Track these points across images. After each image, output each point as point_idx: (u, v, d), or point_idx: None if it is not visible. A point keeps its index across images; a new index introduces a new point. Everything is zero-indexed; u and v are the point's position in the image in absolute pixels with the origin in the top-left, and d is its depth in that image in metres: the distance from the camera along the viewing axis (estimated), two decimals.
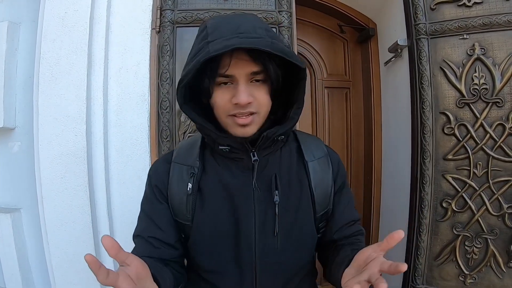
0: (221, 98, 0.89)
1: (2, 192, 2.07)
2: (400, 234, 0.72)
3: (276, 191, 0.98)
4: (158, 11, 1.92)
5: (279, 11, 1.94)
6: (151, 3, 1.95)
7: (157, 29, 1.92)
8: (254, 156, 0.96)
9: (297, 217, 1.02)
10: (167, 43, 1.89)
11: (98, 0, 1.89)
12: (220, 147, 0.96)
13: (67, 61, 1.83)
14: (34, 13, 1.90)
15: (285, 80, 0.95)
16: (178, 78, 1.82)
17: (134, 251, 1.00)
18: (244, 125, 0.90)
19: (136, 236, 1.04)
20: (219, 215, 0.99)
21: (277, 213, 0.97)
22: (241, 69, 0.85)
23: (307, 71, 3.00)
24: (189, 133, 1.91)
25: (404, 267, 0.67)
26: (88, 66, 1.85)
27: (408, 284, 2.13)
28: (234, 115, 0.89)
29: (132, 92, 1.94)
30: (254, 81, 0.89)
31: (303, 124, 2.82)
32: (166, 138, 1.88)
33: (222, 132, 0.94)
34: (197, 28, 1.82)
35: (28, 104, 1.93)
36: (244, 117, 0.89)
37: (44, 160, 1.83)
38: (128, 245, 1.86)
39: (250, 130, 0.91)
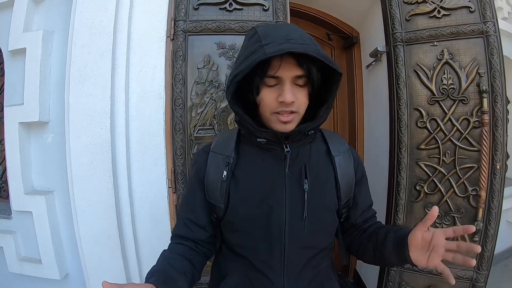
0: (268, 97, 0.91)
1: (37, 177, 2.10)
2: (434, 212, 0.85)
3: (306, 180, 1.00)
4: (172, 21, 1.95)
5: (276, 22, 1.97)
6: (166, 14, 1.97)
7: (171, 37, 1.94)
8: (286, 147, 0.98)
9: (323, 204, 1.04)
10: (180, 49, 1.92)
11: (120, 12, 1.91)
12: (258, 140, 0.98)
13: (94, 64, 1.86)
14: (66, 23, 1.93)
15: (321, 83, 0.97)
16: (189, 79, 1.90)
17: (174, 231, 1.12)
18: (286, 122, 0.93)
19: (178, 218, 1.13)
20: (252, 199, 1.00)
21: (306, 199, 0.99)
22: (288, 72, 0.87)
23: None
24: (199, 126, 1.94)
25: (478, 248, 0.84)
26: (112, 69, 1.87)
27: None
28: (278, 113, 0.91)
29: (150, 91, 1.96)
30: (296, 84, 0.90)
31: None
32: (179, 131, 1.91)
33: (260, 127, 0.97)
34: (206, 36, 1.90)
35: (60, 101, 1.96)
36: (287, 115, 0.91)
37: (74, 150, 1.86)
38: (147, 222, 1.91)
39: (290, 127, 0.94)
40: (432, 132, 2.02)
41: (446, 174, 2.02)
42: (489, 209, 1.97)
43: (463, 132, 1.97)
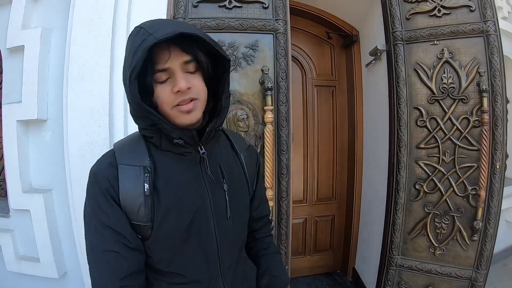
0: (163, 92, 0.85)
1: (36, 175, 2.07)
2: None
3: (224, 179, 1.00)
4: (172, 19, 1.92)
5: (276, 20, 1.95)
6: (165, 12, 1.94)
7: None
8: (201, 149, 0.94)
9: (241, 201, 1.07)
10: None
11: (119, 9, 1.89)
12: (175, 141, 0.90)
13: (92, 62, 1.83)
14: (64, 21, 1.90)
15: (212, 73, 0.95)
16: None
17: (105, 273, 0.86)
18: (188, 112, 0.87)
19: (99, 254, 0.87)
20: (177, 210, 0.91)
21: (227, 199, 0.99)
22: (175, 60, 0.83)
23: (300, 71, 3.06)
24: None
25: None
26: (111, 66, 1.84)
27: (385, 255, 2.16)
28: (178, 105, 0.86)
29: None
30: (188, 72, 0.86)
31: (295, 118, 2.84)
32: None
33: (174, 126, 0.89)
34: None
35: (58, 99, 1.93)
36: (186, 103, 0.86)
37: (72, 148, 1.83)
38: None
39: (195, 115, 0.89)
40: (431, 131, 2.02)
41: (445, 173, 2.01)
42: (489, 208, 1.96)
43: (463, 131, 1.97)
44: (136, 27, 0.87)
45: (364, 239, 2.97)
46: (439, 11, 2.01)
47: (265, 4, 1.96)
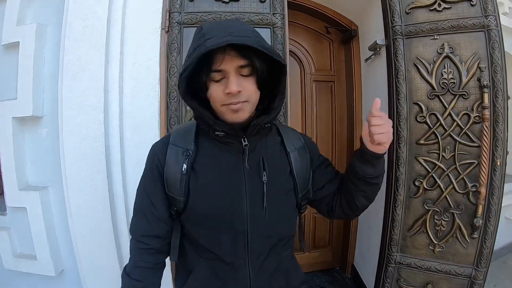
0: (216, 91, 0.93)
1: (32, 172, 2.05)
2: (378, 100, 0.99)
3: (264, 172, 1.03)
4: (167, 13, 1.89)
5: (273, 14, 1.92)
6: (161, 6, 1.92)
7: (166, 29, 1.89)
8: (244, 141, 1.00)
9: (280, 194, 1.08)
10: (175, 42, 1.87)
11: (114, 4, 1.86)
12: (216, 133, 0.99)
13: (87, 57, 1.81)
14: (59, 16, 1.87)
15: (270, 75, 1.00)
16: None
17: (134, 226, 1.10)
18: (236, 111, 0.94)
19: (136, 211, 1.11)
20: (212, 193, 1.01)
21: (265, 191, 1.02)
22: (230, 64, 0.90)
23: (298, 67, 3.04)
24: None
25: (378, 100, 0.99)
26: (106, 62, 1.83)
27: (384, 252, 2.13)
28: (228, 104, 0.93)
29: (144, 84, 1.91)
30: (242, 75, 0.92)
31: (294, 113, 2.82)
32: (174, 125, 1.86)
33: (218, 120, 0.98)
34: None
35: (54, 95, 1.90)
36: (235, 104, 0.92)
37: (68, 145, 1.82)
38: None
39: (242, 115, 0.96)
40: (431, 127, 1.98)
41: (445, 169, 1.97)
42: (489, 205, 1.93)
43: (463, 127, 1.93)
44: (199, 26, 0.96)
45: (363, 236, 2.95)
46: (439, 5, 1.97)
47: None
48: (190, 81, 0.94)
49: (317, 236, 3.22)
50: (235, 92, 0.90)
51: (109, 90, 1.86)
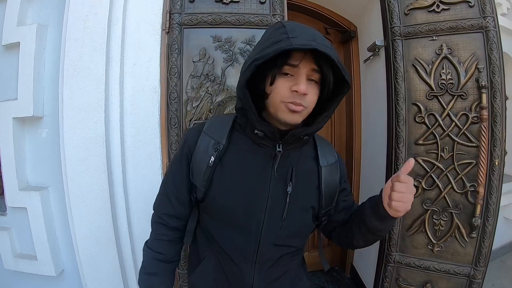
0: (282, 85, 0.91)
1: (32, 173, 2.05)
2: (411, 163, 0.93)
3: (290, 182, 1.02)
4: (168, 14, 1.89)
5: (273, 15, 1.92)
6: (162, 7, 1.92)
7: (167, 30, 1.89)
8: (279, 147, 0.99)
9: (303, 209, 1.07)
10: (175, 42, 1.87)
11: (115, 5, 1.86)
12: (256, 131, 0.98)
13: (88, 58, 1.81)
14: (60, 17, 1.87)
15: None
16: (185, 73, 1.85)
17: (158, 203, 1.17)
18: (294, 112, 0.92)
19: (161, 190, 1.17)
20: (234, 191, 1.01)
21: (287, 202, 1.01)
22: (306, 64, 0.89)
23: None
24: (195, 120, 1.89)
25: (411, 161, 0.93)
26: (106, 63, 1.83)
27: (384, 252, 2.14)
28: (289, 102, 0.91)
29: (145, 85, 1.92)
30: (310, 80, 0.92)
31: None
32: (174, 125, 1.86)
33: (261, 119, 0.97)
34: (202, 29, 1.87)
35: (54, 96, 1.91)
36: (297, 105, 0.91)
37: (68, 145, 1.82)
38: (142, 217, 1.89)
39: (297, 118, 0.95)
40: (430, 127, 1.99)
41: (444, 169, 1.98)
42: (487, 205, 1.94)
43: (461, 127, 1.94)
44: (278, 22, 0.97)
45: None
46: (438, 6, 1.98)
47: None
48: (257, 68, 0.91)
49: (316, 236, 3.21)
50: (302, 92, 0.89)
51: (110, 90, 1.86)
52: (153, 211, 1.18)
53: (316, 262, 3.21)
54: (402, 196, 0.92)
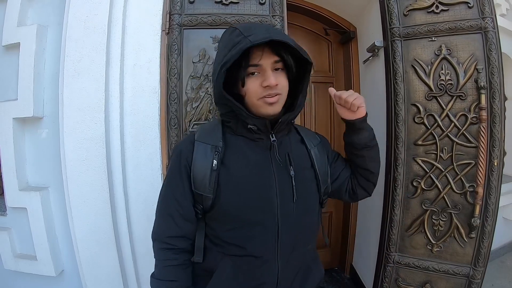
0: (253, 84, 1.00)
1: (32, 173, 2.06)
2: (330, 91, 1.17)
3: (291, 166, 1.09)
4: (168, 15, 1.90)
5: (272, 16, 1.93)
6: (161, 8, 1.93)
7: (167, 31, 1.90)
8: (272, 137, 1.07)
9: (307, 187, 1.13)
10: (175, 43, 1.87)
11: (115, 6, 1.87)
12: (249, 126, 1.03)
13: (88, 58, 1.82)
14: (60, 17, 1.88)
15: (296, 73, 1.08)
16: (184, 73, 1.87)
17: (158, 228, 1.13)
18: (272, 103, 1.00)
19: (160, 214, 1.13)
20: (245, 188, 1.04)
21: (293, 184, 1.07)
22: (267, 59, 0.98)
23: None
24: (194, 121, 1.89)
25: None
26: (106, 63, 1.83)
27: (383, 252, 2.15)
28: (264, 97, 0.99)
29: (145, 85, 1.92)
30: (275, 69, 1.01)
31: None
32: (174, 126, 1.87)
33: (251, 114, 1.03)
34: (201, 30, 1.87)
35: (54, 96, 1.91)
36: (272, 97, 0.99)
37: (68, 145, 1.82)
38: (142, 217, 1.89)
39: (277, 108, 1.03)
40: (429, 128, 2.00)
41: (443, 170, 1.99)
42: (486, 205, 1.95)
43: (460, 128, 1.95)
44: (231, 27, 1.04)
45: (361, 236, 2.95)
46: (437, 7, 1.99)
47: (262, 0, 1.94)
48: (226, 75, 0.98)
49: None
50: (273, 84, 0.97)
51: (110, 91, 1.86)
52: (153, 241, 1.13)
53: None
54: (352, 96, 1.11)
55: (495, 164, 1.92)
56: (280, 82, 1.00)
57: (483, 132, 1.89)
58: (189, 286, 1.11)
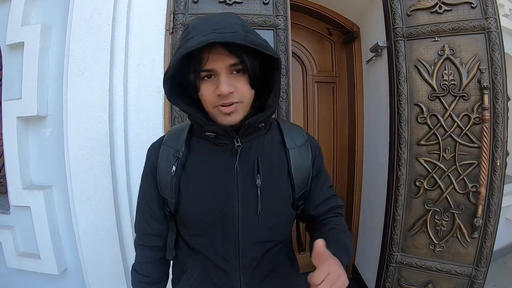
0: (206, 91, 0.87)
1: (36, 172, 2.07)
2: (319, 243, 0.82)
3: (258, 175, 0.96)
4: (172, 14, 1.92)
5: (276, 16, 1.95)
6: (166, 7, 1.94)
7: (171, 31, 1.91)
8: (237, 142, 0.94)
9: (276, 198, 1.01)
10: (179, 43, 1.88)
11: (119, 5, 1.88)
12: (207, 133, 0.95)
13: (92, 58, 1.83)
14: (64, 17, 1.90)
15: (265, 70, 0.93)
16: None
17: (136, 224, 1.15)
18: (229, 113, 0.88)
19: (137, 211, 1.15)
20: (204, 195, 0.97)
21: (259, 195, 0.96)
22: (220, 63, 0.84)
23: (300, 68, 3.05)
24: None
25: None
26: (111, 63, 1.85)
27: (385, 252, 2.16)
28: (220, 105, 0.87)
29: (149, 85, 1.93)
30: (234, 72, 0.86)
31: (296, 114, 2.82)
32: None
33: (209, 120, 0.93)
34: None
35: (58, 95, 1.93)
36: (227, 106, 0.87)
37: (72, 144, 1.84)
38: None
39: (236, 117, 0.90)
40: (432, 128, 2.00)
41: (446, 170, 2.00)
42: (489, 205, 1.95)
43: (463, 128, 1.95)
44: (187, 25, 0.90)
45: (364, 235, 2.96)
46: (440, 7, 1.99)
47: (266, 0, 1.95)
48: (179, 81, 0.91)
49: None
50: (226, 93, 0.84)
51: (114, 90, 1.87)
52: (135, 234, 1.17)
53: (309, 263, 3.24)
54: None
55: (498, 164, 1.92)
56: (237, 88, 0.86)
57: (486, 132, 1.90)
58: (161, 280, 1.16)
